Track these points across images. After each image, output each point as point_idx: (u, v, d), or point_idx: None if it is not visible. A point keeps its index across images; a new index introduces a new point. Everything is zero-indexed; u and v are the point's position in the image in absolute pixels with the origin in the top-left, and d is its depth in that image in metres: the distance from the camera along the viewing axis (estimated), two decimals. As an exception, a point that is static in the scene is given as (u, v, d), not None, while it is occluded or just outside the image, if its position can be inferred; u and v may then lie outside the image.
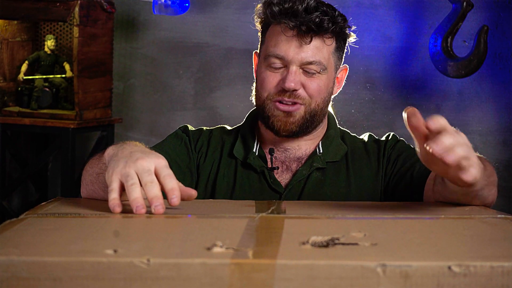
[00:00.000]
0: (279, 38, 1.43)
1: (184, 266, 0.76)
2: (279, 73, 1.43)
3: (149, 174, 1.05)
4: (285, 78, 1.41)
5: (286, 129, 1.44)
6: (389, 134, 1.54)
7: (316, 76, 1.43)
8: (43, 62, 3.04)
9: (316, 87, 1.43)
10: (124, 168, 1.06)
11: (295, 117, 1.43)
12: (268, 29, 1.47)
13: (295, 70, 1.41)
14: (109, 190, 1.06)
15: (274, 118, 1.44)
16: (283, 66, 1.43)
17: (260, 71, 1.47)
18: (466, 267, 0.76)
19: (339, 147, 1.51)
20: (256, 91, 1.50)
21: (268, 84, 1.44)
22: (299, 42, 1.41)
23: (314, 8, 1.41)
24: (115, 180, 1.06)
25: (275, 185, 1.46)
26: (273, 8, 1.43)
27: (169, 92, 3.28)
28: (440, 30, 2.86)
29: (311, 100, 1.43)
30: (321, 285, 0.76)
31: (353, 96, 3.11)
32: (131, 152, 1.10)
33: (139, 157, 1.07)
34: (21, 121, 2.97)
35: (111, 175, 1.07)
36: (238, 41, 3.17)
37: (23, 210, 1.15)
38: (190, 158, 1.50)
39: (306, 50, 1.41)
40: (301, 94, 1.42)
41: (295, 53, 1.41)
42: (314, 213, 1.10)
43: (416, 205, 1.24)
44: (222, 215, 1.06)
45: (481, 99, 3.09)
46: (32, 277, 0.76)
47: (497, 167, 3.08)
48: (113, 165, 1.08)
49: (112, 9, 3.02)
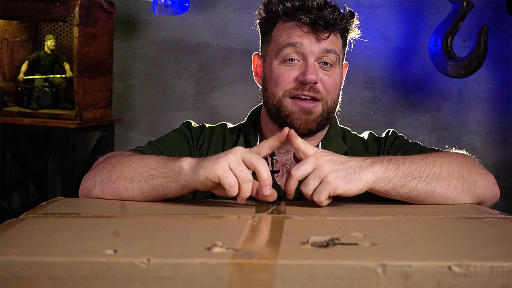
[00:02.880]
0: (294, 33, 1.42)
1: (184, 266, 0.76)
2: (295, 67, 1.42)
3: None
4: (305, 71, 1.40)
5: (306, 127, 1.42)
6: (389, 131, 1.54)
7: (331, 71, 1.43)
8: (43, 62, 3.04)
9: (333, 83, 1.43)
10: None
11: (315, 114, 1.42)
12: (275, 28, 1.46)
13: (313, 62, 1.41)
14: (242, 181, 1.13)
15: (294, 116, 1.42)
16: (298, 61, 1.42)
17: (271, 69, 1.44)
18: (466, 267, 0.76)
19: (339, 146, 1.51)
20: (268, 91, 1.46)
21: (285, 79, 1.42)
22: (316, 37, 1.41)
23: (324, 5, 1.42)
24: (228, 174, 1.12)
25: (275, 188, 1.46)
26: (285, 4, 1.42)
27: (169, 92, 3.28)
28: (440, 30, 2.86)
29: (328, 96, 1.43)
30: (321, 285, 0.76)
31: (353, 96, 3.11)
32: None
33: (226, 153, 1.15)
34: (21, 121, 2.97)
35: (216, 172, 1.12)
36: (238, 41, 3.17)
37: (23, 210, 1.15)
38: (192, 155, 1.50)
39: (323, 43, 1.41)
40: (319, 88, 1.41)
41: (313, 45, 1.41)
42: (314, 213, 1.10)
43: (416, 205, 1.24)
44: (222, 215, 1.06)
45: (481, 99, 3.09)
46: (32, 277, 0.76)
47: (497, 167, 3.08)
48: (208, 163, 1.14)
49: (112, 9, 3.02)
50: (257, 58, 1.53)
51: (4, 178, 3.11)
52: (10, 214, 3.05)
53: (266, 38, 1.49)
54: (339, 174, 1.16)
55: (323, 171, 1.15)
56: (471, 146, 3.05)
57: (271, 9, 1.45)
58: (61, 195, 3.21)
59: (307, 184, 1.17)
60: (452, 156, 1.27)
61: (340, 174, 1.16)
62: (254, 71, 1.54)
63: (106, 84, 3.08)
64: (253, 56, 1.54)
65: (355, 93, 3.11)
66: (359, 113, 3.14)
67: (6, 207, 3.10)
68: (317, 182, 1.16)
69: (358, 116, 3.13)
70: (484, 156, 2.99)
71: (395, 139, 1.51)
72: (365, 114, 3.15)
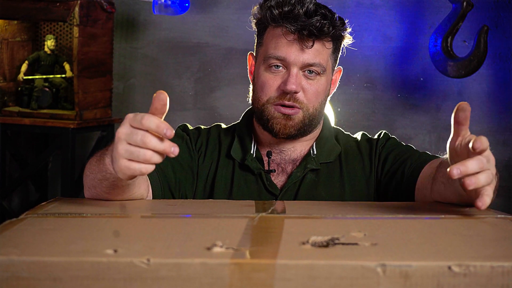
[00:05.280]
0: (279, 41, 1.43)
1: (184, 266, 0.76)
2: (279, 75, 1.43)
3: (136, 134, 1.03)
4: (286, 81, 1.41)
5: (285, 132, 1.44)
6: (381, 132, 1.55)
7: (315, 80, 1.43)
8: (43, 62, 3.04)
9: (315, 91, 1.44)
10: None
11: (294, 121, 1.44)
12: (266, 31, 1.47)
13: (296, 72, 1.42)
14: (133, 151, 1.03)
15: (274, 120, 1.44)
16: (283, 68, 1.43)
17: (259, 73, 1.47)
18: (466, 267, 0.76)
19: (333, 147, 1.51)
20: (254, 94, 1.49)
21: (268, 87, 1.44)
22: (300, 46, 1.41)
23: (313, 12, 1.41)
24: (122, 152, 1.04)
25: (271, 187, 1.46)
26: (273, 11, 1.42)
27: (169, 92, 3.23)
28: (440, 30, 2.86)
29: (308, 104, 1.43)
30: (321, 285, 0.76)
31: (353, 96, 3.10)
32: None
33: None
34: (21, 121, 2.97)
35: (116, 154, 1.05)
36: (238, 41, 3.17)
37: (23, 210, 1.15)
38: (192, 157, 1.50)
39: (307, 53, 1.41)
40: (299, 97, 1.42)
41: (296, 55, 1.41)
42: (314, 213, 1.10)
43: (416, 205, 1.24)
44: (222, 215, 1.06)
45: (481, 99, 3.09)
46: (32, 277, 0.76)
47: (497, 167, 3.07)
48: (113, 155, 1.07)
49: (112, 9, 3.02)
50: (251, 58, 1.55)
51: (4, 178, 3.11)
52: (10, 214, 3.05)
53: (259, 40, 1.50)
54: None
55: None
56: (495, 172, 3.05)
57: (262, 14, 1.46)
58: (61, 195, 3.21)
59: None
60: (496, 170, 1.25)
61: None
62: (248, 70, 1.55)
63: (106, 84, 3.08)
64: (249, 55, 1.56)
65: (355, 93, 3.11)
66: (359, 113, 3.14)
67: (6, 207, 3.10)
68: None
69: (358, 116, 3.13)
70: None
71: (387, 141, 1.51)
72: (365, 114, 3.15)
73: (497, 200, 1.27)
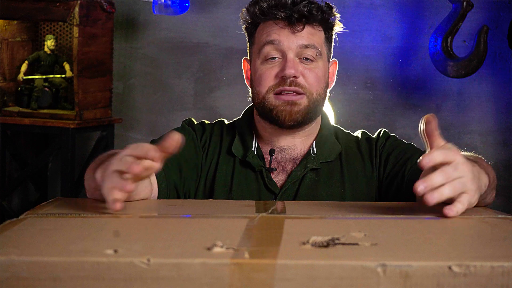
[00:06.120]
0: (271, 29, 1.45)
1: (184, 266, 0.76)
2: (276, 65, 1.44)
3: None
4: (284, 66, 1.42)
5: (291, 118, 1.43)
6: (380, 131, 1.54)
7: (313, 65, 1.44)
8: (43, 62, 3.04)
9: (315, 76, 1.44)
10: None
11: (300, 106, 1.43)
12: (257, 29, 1.49)
13: (293, 58, 1.43)
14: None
15: (277, 109, 1.43)
16: (279, 57, 1.44)
17: (255, 69, 1.47)
18: (466, 267, 0.76)
19: (333, 146, 1.51)
20: (254, 90, 1.49)
21: (266, 78, 1.44)
22: (291, 30, 1.43)
23: (300, 0, 1.44)
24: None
25: (271, 186, 1.46)
26: (261, 4, 1.45)
27: (169, 92, 3.28)
28: (440, 30, 2.86)
29: (311, 89, 1.44)
30: (321, 285, 0.76)
31: (353, 96, 3.10)
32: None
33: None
34: (21, 121, 2.97)
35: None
36: (238, 41, 3.17)
37: (23, 210, 1.15)
38: (197, 154, 1.50)
39: (299, 36, 1.43)
40: (301, 82, 1.43)
41: (289, 39, 1.43)
42: (314, 213, 1.10)
43: (416, 205, 1.24)
44: (222, 215, 1.06)
45: (481, 99, 3.09)
46: (32, 277, 0.76)
47: (497, 167, 3.07)
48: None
49: (112, 9, 3.02)
50: (246, 63, 1.56)
51: (4, 178, 3.11)
52: (10, 214, 3.05)
53: (251, 41, 1.52)
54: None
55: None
56: (471, 146, 3.05)
57: (251, 12, 1.48)
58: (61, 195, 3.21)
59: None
60: (491, 168, 1.25)
61: None
62: (245, 75, 1.56)
63: (106, 84, 3.08)
64: (243, 61, 1.57)
65: (355, 93, 3.11)
66: (359, 113, 3.14)
67: (6, 207, 3.10)
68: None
69: (358, 116, 3.13)
70: (484, 156, 2.96)
71: (387, 140, 1.51)
72: (365, 114, 3.14)
73: (497, 200, 1.27)
